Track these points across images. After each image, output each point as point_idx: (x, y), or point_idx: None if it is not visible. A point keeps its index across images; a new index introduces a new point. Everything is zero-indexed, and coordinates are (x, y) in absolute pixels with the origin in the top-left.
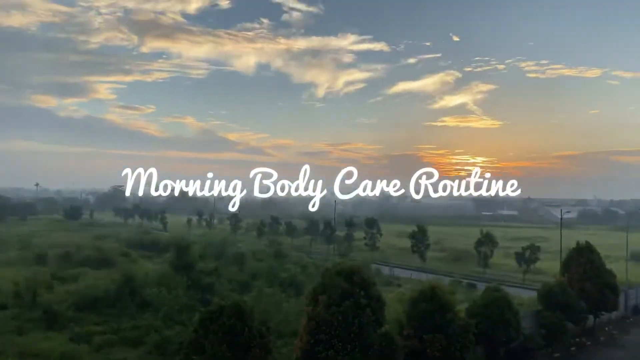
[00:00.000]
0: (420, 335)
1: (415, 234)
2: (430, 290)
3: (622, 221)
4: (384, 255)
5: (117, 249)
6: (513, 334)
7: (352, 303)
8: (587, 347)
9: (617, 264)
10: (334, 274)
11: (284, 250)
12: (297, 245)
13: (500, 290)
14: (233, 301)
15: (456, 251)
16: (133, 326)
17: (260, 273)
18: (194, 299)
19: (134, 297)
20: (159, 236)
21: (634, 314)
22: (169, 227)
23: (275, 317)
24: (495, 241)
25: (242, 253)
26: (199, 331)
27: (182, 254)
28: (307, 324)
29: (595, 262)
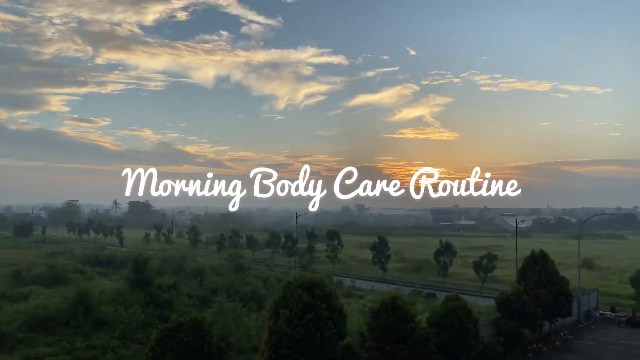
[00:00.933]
0: (382, 347)
1: (376, 245)
2: (391, 301)
3: (574, 229)
4: (345, 266)
5: (71, 266)
6: (473, 343)
7: (314, 316)
8: (543, 352)
9: (570, 271)
10: (296, 287)
11: (245, 264)
12: (258, 259)
13: (459, 299)
14: (192, 317)
15: (416, 261)
16: (87, 346)
17: (220, 288)
18: (151, 316)
19: (89, 316)
20: (116, 252)
21: (586, 319)
22: (125, 242)
23: (235, 333)
24: (454, 251)
25: (202, 268)
26: (156, 349)
27: (139, 269)
28: (269, 339)
29: (550, 270)
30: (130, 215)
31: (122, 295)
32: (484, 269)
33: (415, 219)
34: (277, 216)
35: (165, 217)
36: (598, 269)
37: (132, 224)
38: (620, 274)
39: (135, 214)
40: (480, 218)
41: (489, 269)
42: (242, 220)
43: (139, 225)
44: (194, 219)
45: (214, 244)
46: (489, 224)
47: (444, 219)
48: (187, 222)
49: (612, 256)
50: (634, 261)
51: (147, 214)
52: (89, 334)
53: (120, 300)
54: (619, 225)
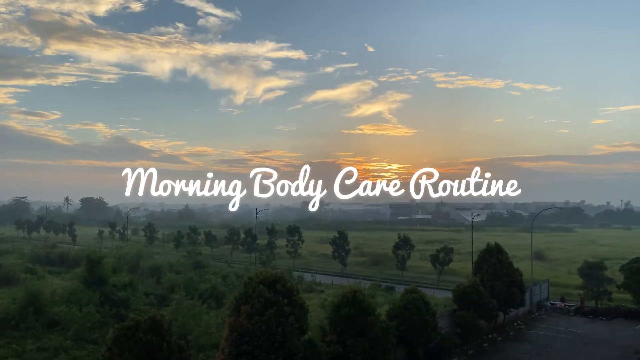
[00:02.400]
0: (343, 340)
1: (335, 240)
2: (352, 295)
3: (525, 223)
4: (305, 262)
5: (20, 265)
6: (431, 335)
7: (276, 312)
8: (498, 342)
9: (523, 262)
10: (257, 283)
11: (204, 261)
12: (217, 255)
13: (418, 292)
14: (149, 316)
15: (375, 255)
16: (39, 347)
17: (178, 285)
18: (107, 315)
19: (40, 316)
20: (68, 250)
21: (538, 309)
22: (78, 240)
23: (195, 330)
24: (411, 244)
25: (159, 265)
26: (113, 349)
27: (93, 268)
28: (229, 335)
29: (504, 262)
30: (83, 212)
31: (76, 295)
32: (441, 262)
33: (374, 214)
34: (234, 212)
35: (119, 214)
36: (548, 261)
37: (85, 221)
38: (569, 265)
39: (88, 210)
40: (436, 212)
41: (446, 262)
42: (198, 217)
43: (92, 222)
44: (149, 215)
45: (171, 241)
46: (445, 219)
47: (401, 214)
48: (142, 219)
49: (561, 248)
50: (582, 252)
51: (101, 211)
52: (40, 336)
53: (74, 300)
54: (567, 218)
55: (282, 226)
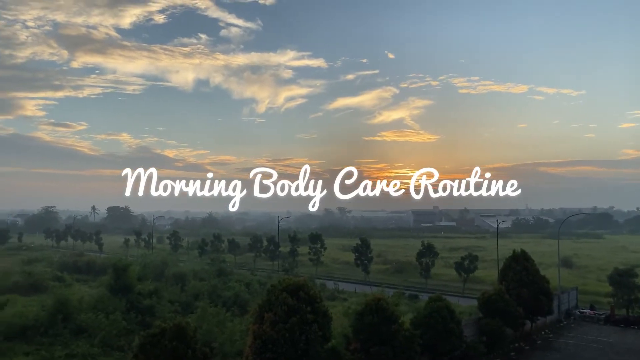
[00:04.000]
0: (367, 349)
1: (358, 248)
2: (375, 303)
3: (552, 229)
4: (328, 269)
5: (49, 274)
6: (456, 343)
7: (299, 319)
8: (525, 351)
9: (550, 270)
10: (280, 291)
11: (227, 268)
12: (240, 263)
13: (442, 300)
14: (175, 323)
15: (398, 263)
16: (67, 354)
17: (202, 293)
18: (133, 322)
19: (68, 324)
20: (95, 258)
21: (566, 317)
22: (105, 248)
23: (219, 337)
24: (435, 252)
25: (183, 273)
26: (139, 356)
27: (119, 275)
28: (253, 343)
29: (530, 269)
30: (109, 221)
31: (102, 302)
32: (466, 270)
33: (396, 221)
34: (257, 220)
35: (145, 222)
36: (577, 268)
37: (111, 229)
38: (598, 272)
39: (115, 219)
40: (461, 219)
41: (470, 269)
42: (222, 225)
43: (118, 231)
44: (174, 223)
45: (195, 249)
46: (469, 225)
47: (424, 221)
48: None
49: (589, 255)
50: (611, 259)
51: (127, 220)
52: (68, 343)
53: (101, 307)
54: (595, 224)
55: (304, 234)
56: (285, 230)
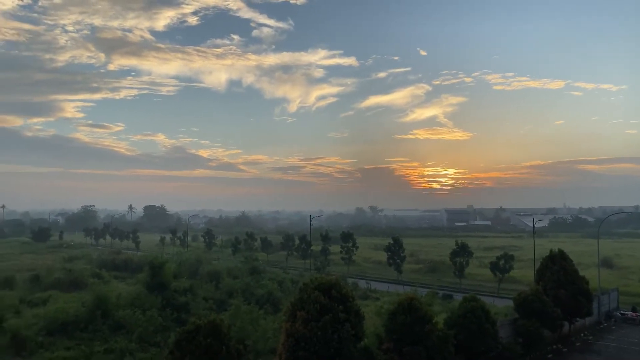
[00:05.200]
0: (399, 348)
1: (390, 247)
2: (408, 302)
3: (591, 228)
4: (360, 268)
5: (89, 271)
6: (491, 344)
7: (331, 318)
8: (563, 353)
9: (589, 270)
10: (312, 289)
11: (260, 266)
12: (273, 261)
13: (477, 300)
14: (209, 320)
15: (431, 262)
16: (106, 349)
17: (236, 290)
18: (168, 319)
19: (107, 319)
20: (132, 256)
21: (607, 319)
22: (141, 246)
23: (252, 335)
24: (469, 251)
25: (217, 271)
26: (175, 352)
27: (156, 273)
28: (286, 341)
29: (569, 270)
30: (145, 220)
31: (139, 299)
32: (501, 270)
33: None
34: (289, 219)
35: (180, 220)
36: (617, 268)
37: (147, 228)
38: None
39: (151, 218)
40: (496, 218)
41: (506, 269)
42: (255, 223)
43: (154, 229)
44: (208, 222)
45: (228, 247)
46: (505, 224)
47: (458, 220)
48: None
49: (631, 255)
50: None
51: (162, 218)
52: (107, 338)
53: (138, 304)
54: (637, 223)
55: (336, 232)
56: (317, 229)
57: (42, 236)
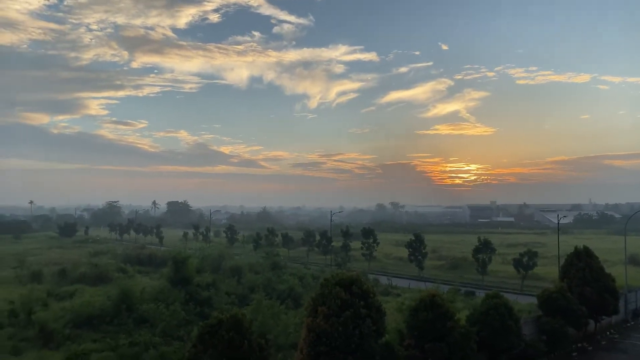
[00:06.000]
0: (421, 345)
1: (412, 243)
2: (430, 298)
3: (618, 225)
4: (381, 264)
5: (113, 265)
6: (514, 341)
7: (352, 313)
8: (588, 352)
9: (616, 267)
10: (333, 285)
11: (281, 262)
12: (294, 257)
13: (500, 297)
14: (231, 314)
15: (454, 259)
16: (130, 343)
17: (258, 285)
18: (191, 313)
19: (131, 313)
20: (155, 251)
21: (634, 317)
22: (165, 241)
23: (274, 330)
24: (492, 248)
25: (239, 266)
26: (197, 346)
27: (179, 268)
28: (307, 336)
29: (594, 267)
30: (168, 215)
31: (163, 293)
32: (524, 266)
33: (451, 216)
34: (310, 215)
35: (202, 216)
36: None
37: (170, 223)
38: None
39: (174, 214)
40: (519, 215)
41: (530, 266)
42: (276, 219)
43: (177, 224)
44: (230, 218)
45: (250, 243)
46: (528, 221)
47: (481, 216)
48: (224, 221)
49: None
50: None
51: (185, 214)
52: (131, 331)
53: (161, 298)
54: None
55: (357, 228)
56: (338, 225)
57: (68, 231)
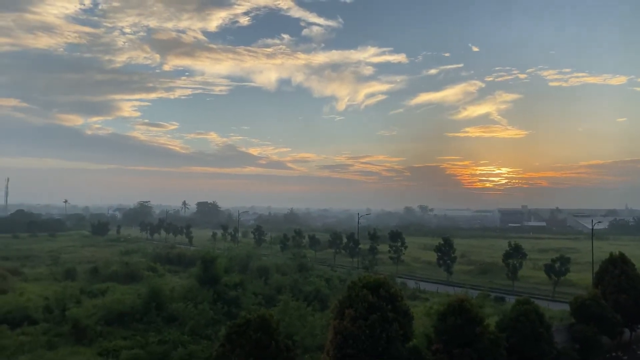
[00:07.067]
0: (449, 350)
1: (440, 247)
2: (459, 303)
3: None
4: (409, 268)
5: (144, 264)
6: (546, 349)
7: (379, 317)
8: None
9: None
10: (361, 288)
11: (308, 264)
12: (321, 258)
13: (530, 303)
14: (259, 314)
15: (483, 264)
16: (159, 340)
17: (284, 286)
18: (219, 312)
19: (161, 312)
20: (185, 251)
21: None
22: (194, 241)
23: (300, 331)
24: (523, 253)
25: (267, 266)
26: (225, 345)
27: (207, 267)
28: (334, 338)
29: (630, 274)
30: (198, 216)
31: (192, 293)
32: (557, 272)
33: (481, 220)
34: (337, 217)
35: (231, 217)
36: None
37: (200, 223)
38: None
39: (203, 214)
40: (551, 219)
41: (562, 272)
42: (303, 221)
43: (207, 225)
44: (258, 219)
45: (277, 244)
46: (561, 226)
47: (512, 221)
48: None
49: None
50: None
51: (214, 214)
52: (160, 329)
53: (190, 297)
54: None
55: (384, 231)
56: (365, 228)
57: (101, 230)
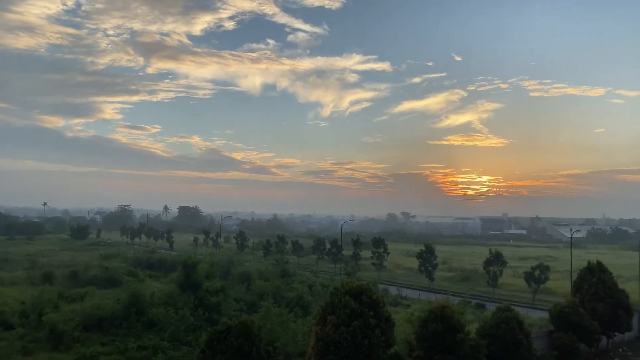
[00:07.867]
0: (430, 356)
1: (422, 254)
2: (440, 310)
3: (632, 240)
4: (391, 275)
5: (124, 269)
6: (525, 355)
7: (361, 323)
8: None
9: (630, 284)
10: (343, 294)
11: (290, 270)
12: (304, 264)
13: (511, 310)
14: (240, 321)
15: (464, 271)
16: (139, 346)
17: (267, 292)
18: (200, 318)
19: (141, 317)
20: (166, 255)
21: None
22: (175, 246)
23: (282, 337)
24: (504, 260)
25: (249, 272)
26: (206, 351)
27: (189, 273)
28: (316, 344)
29: (607, 282)
30: (179, 220)
31: (172, 298)
32: (536, 280)
33: (463, 228)
34: (320, 223)
35: (213, 222)
36: None
37: (181, 228)
38: None
39: (185, 219)
40: (531, 227)
41: (541, 280)
42: (286, 226)
43: (188, 229)
44: (240, 224)
45: (260, 249)
46: (541, 234)
47: (492, 228)
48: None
49: None
50: None
51: (196, 219)
52: (140, 335)
53: (171, 303)
54: None
55: (367, 238)
56: (348, 234)
57: (80, 234)
